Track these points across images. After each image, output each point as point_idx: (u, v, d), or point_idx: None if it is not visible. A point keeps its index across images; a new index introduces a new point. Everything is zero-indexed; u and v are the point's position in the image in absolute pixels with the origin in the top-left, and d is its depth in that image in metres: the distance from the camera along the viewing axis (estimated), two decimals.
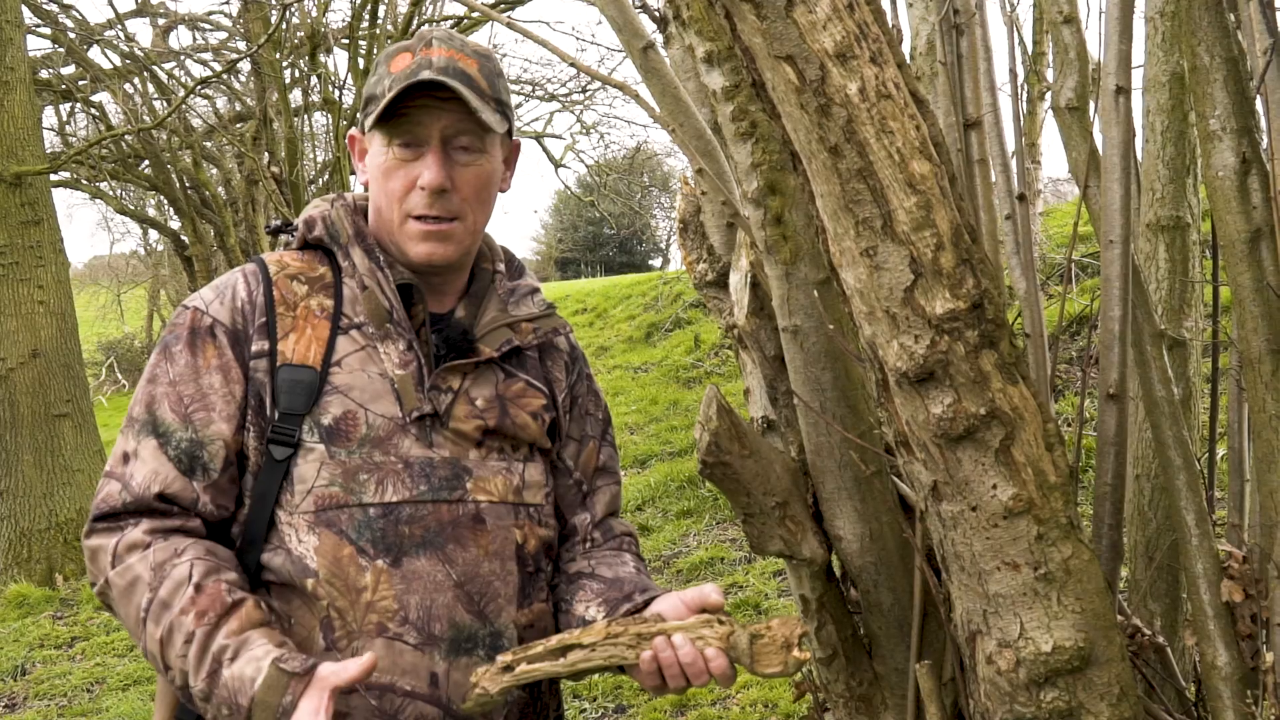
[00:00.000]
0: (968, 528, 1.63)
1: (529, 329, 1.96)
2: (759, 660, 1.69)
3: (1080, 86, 2.21)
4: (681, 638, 1.70)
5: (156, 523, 1.75)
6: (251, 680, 1.62)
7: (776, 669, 1.68)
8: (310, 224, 1.92)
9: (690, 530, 8.09)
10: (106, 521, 1.77)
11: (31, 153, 9.93)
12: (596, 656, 1.71)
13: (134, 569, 1.71)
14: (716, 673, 1.70)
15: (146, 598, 1.69)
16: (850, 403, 1.95)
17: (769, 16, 1.46)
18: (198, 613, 1.67)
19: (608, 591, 1.90)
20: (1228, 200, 1.90)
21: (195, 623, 1.66)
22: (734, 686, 5.50)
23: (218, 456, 1.78)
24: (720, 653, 1.69)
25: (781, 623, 1.69)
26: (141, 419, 1.80)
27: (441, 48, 1.84)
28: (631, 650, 1.71)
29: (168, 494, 1.76)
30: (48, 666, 7.33)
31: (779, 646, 1.68)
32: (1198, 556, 2.00)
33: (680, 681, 1.71)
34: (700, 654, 1.69)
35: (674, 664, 1.69)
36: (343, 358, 1.82)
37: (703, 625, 1.71)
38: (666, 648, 1.69)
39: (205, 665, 1.65)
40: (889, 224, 1.50)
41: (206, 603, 1.68)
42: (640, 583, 1.92)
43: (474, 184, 1.86)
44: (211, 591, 1.69)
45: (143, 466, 1.77)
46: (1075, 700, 1.66)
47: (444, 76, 1.79)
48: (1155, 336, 2.15)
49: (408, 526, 1.78)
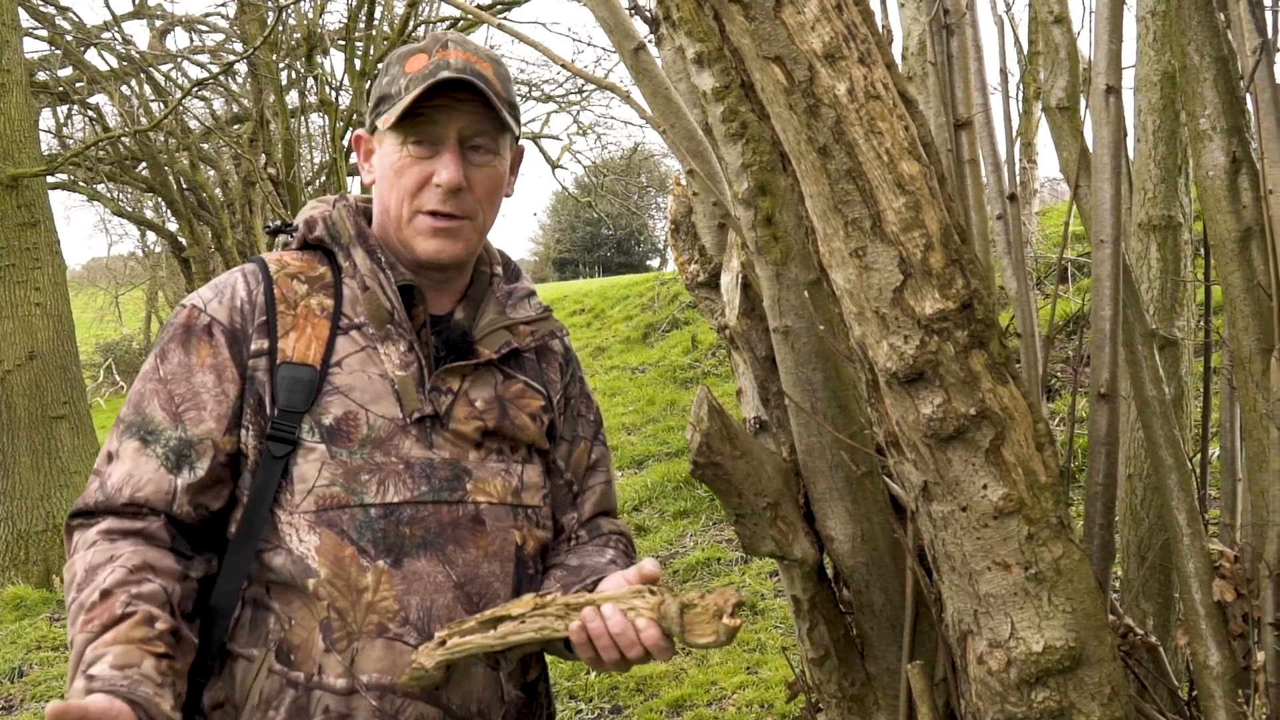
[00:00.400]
0: (958, 528, 1.63)
1: (526, 331, 1.97)
2: (690, 630, 1.64)
3: (1071, 86, 2.22)
4: (611, 608, 1.67)
5: (115, 523, 1.74)
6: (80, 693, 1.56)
7: (709, 638, 1.63)
8: (311, 224, 1.92)
9: (687, 531, 8.09)
10: (80, 518, 1.78)
11: (28, 155, 9.93)
12: (526, 628, 1.69)
13: (74, 566, 1.72)
14: (648, 643, 1.66)
15: (71, 597, 1.69)
16: (841, 403, 1.95)
17: (757, 17, 1.46)
18: (85, 619, 1.64)
19: (567, 578, 1.90)
20: (1218, 200, 1.90)
21: (80, 629, 1.64)
22: (730, 687, 5.51)
23: (205, 456, 1.78)
24: (652, 623, 1.65)
25: (717, 593, 1.65)
26: (129, 418, 1.80)
27: (457, 50, 1.85)
28: (560, 621, 1.68)
29: (136, 500, 1.75)
30: (45, 668, 7.32)
31: (710, 616, 1.63)
32: (1190, 556, 2.00)
33: (613, 653, 1.67)
34: (631, 624, 1.66)
35: (604, 634, 1.66)
36: (343, 358, 1.82)
37: (634, 595, 1.68)
38: (595, 618, 1.66)
39: (73, 673, 1.61)
40: (878, 224, 1.50)
41: (98, 612, 1.64)
42: (601, 569, 1.90)
43: (486, 184, 1.87)
44: (108, 603, 1.65)
45: (119, 468, 1.77)
46: (1066, 700, 1.66)
47: (464, 75, 1.79)
48: (1147, 336, 2.15)
49: (409, 527, 1.78)
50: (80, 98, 15.73)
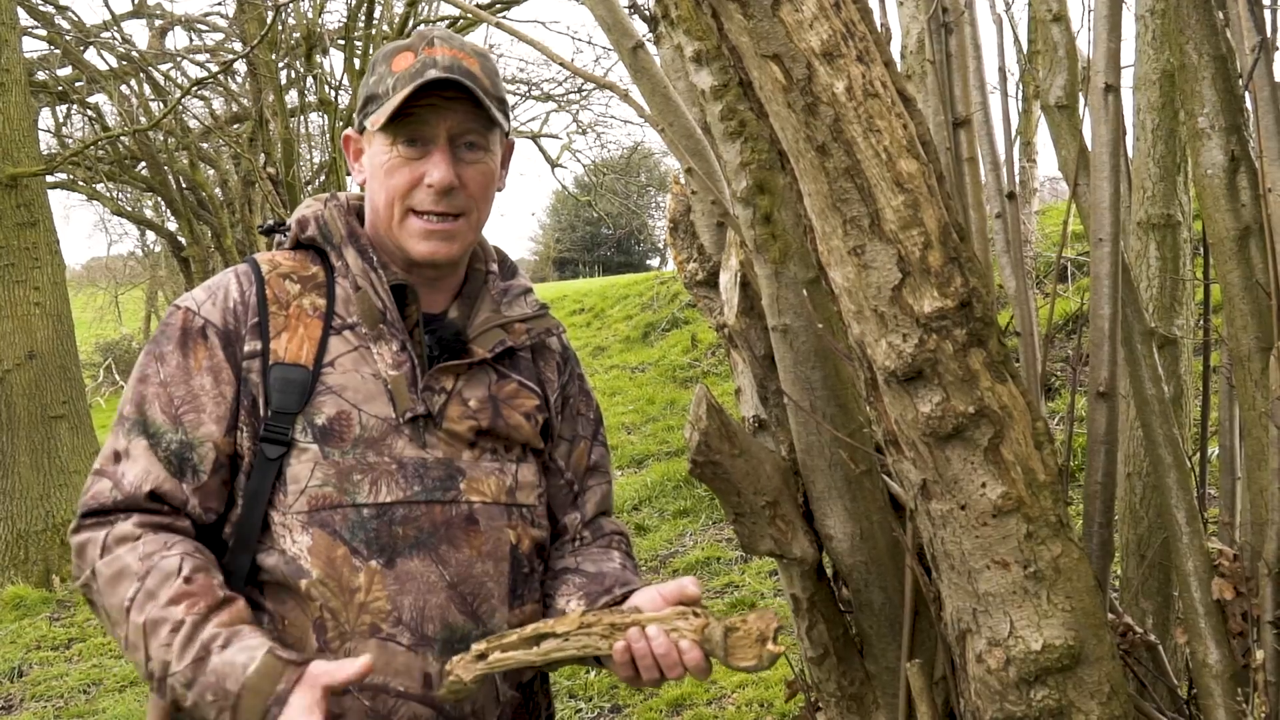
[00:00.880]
0: (957, 526, 1.62)
1: (522, 329, 1.96)
2: (733, 654, 1.67)
3: (1069, 84, 2.21)
4: (656, 629, 1.68)
5: (147, 518, 1.74)
6: (243, 666, 1.62)
7: (751, 663, 1.66)
8: (303, 224, 1.91)
9: (686, 530, 8.09)
10: (96, 517, 1.75)
11: (27, 154, 9.93)
12: (570, 646, 1.70)
13: (122, 559, 1.70)
14: (690, 665, 1.68)
15: (134, 587, 1.68)
16: (840, 401, 1.95)
17: (755, 15, 1.46)
18: (189, 603, 1.66)
19: (589, 585, 1.90)
20: (1216, 198, 1.90)
21: (186, 611, 1.65)
22: (729, 686, 5.51)
23: (207, 459, 1.77)
24: (694, 645, 1.67)
25: (758, 616, 1.68)
26: (133, 417, 1.79)
27: (444, 46, 1.83)
28: (605, 640, 1.69)
29: (159, 492, 1.75)
30: (44, 668, 7.33)
31: (754, 640, 1.66)
32: (1189, 554, 2.00)
33: (654, 673, 1.69)
34: (675, 645, 1.68)
35: (647, 655, 1.68)
36: (335, 358, 1.82)
37: (678, 617, 1.70)
38: (640, 639, 1.68)
39: (191, 652, 1.64)
40: (876, 223, 1.50)
41: (198, 594, 1.67)
42: (622, 577, 1.92)
43: (479, 181, 1.86)
44: (202, 584, 1.69)
45: (134, 465, 1.76)
46: (1065, 699, 1.66)
47: (452, 75, 1.78)
48: (1146, 334, 2.15)
49: (401, 527, 1.78)
50: (79, 97, 15.72)
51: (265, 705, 1.61)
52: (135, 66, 15.11)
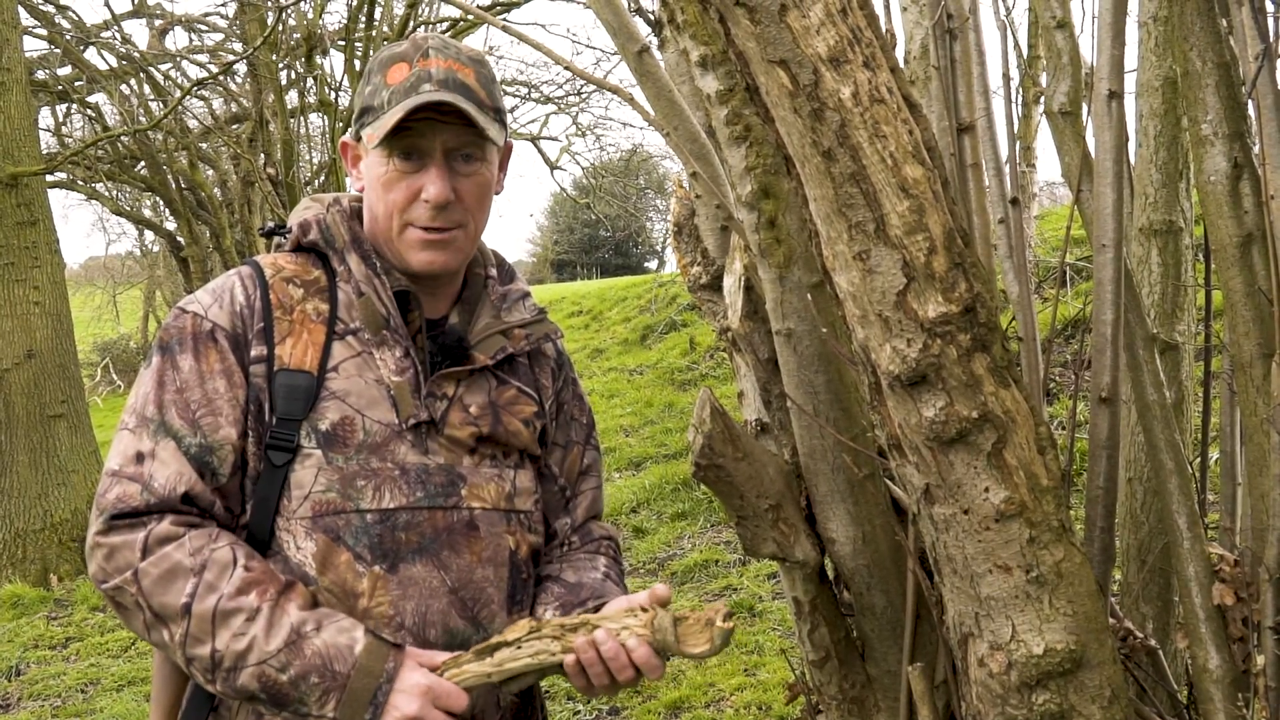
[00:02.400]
0: (960, 530, 1.63)
1: (521, 335, 1.96)
2: (685, 641, 1.66)
3: (1073, 91, 2.22)
4: (603, 632, 1.68)
5: (181, 518, 1.73)
6: (349, 648, 1.66)
7: (704, 647, 1.66)
8: (305, 228, 1.90)
9: (685, 533, 8.09)
10: (127, 519, 1.73)
11: (27, 153, 9.93)
12: (523, 654, 1.70)
13: (171, 556, 1.69)
14: (640, 662, 1.67)
15: (192, 582, 1.68)
16: (843, 406, 1.95)
17: (762, 21, 1.47)
18: (259, 590, 1.68)
19: (566, 596, 1.90)
20: (1220, 205, 1.91)
21: (258, 599, 1.67)
22: (728, 689, 5.51)
23: (226, 461, 1.77)
24: (641, 641, 1.67)
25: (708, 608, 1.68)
26: (155, 419, 1.77)
27: (438, 58, 1.82)
28: (556, 643, 1.69)
29: (191, 494, 1.74)
30: (42, 667, 7.32)
31: (703, 625, 1.66)
32: (1190, 560, 2.00)
33: (604, 679, 1.69)
34: (621, 646, 1.67)
35: (595, 661, 1.68)
36: (339, 363, 1.82)
37: (625, 615, 1.70)
38: (588, 648, 1.68)
39: (279, 636, 1.66)
40: (882, 228, 1.50)
41: (263, 580, 1.69)
42: (600, 588, 1.91)
43: (475, 193, 1.86)
44: (262, 569, 1.70)
45: (164, 468, 1.74)
46: (1067, 703, 1.67)
47: (445, 90, 1.77)
48: (1148, 340, 2.16)
49: (404, 533, 1.78)
50: (79, 96, 15.72)
51: (376, 684, 1.66)
52: (135, 66, 15.11)
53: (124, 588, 1.71)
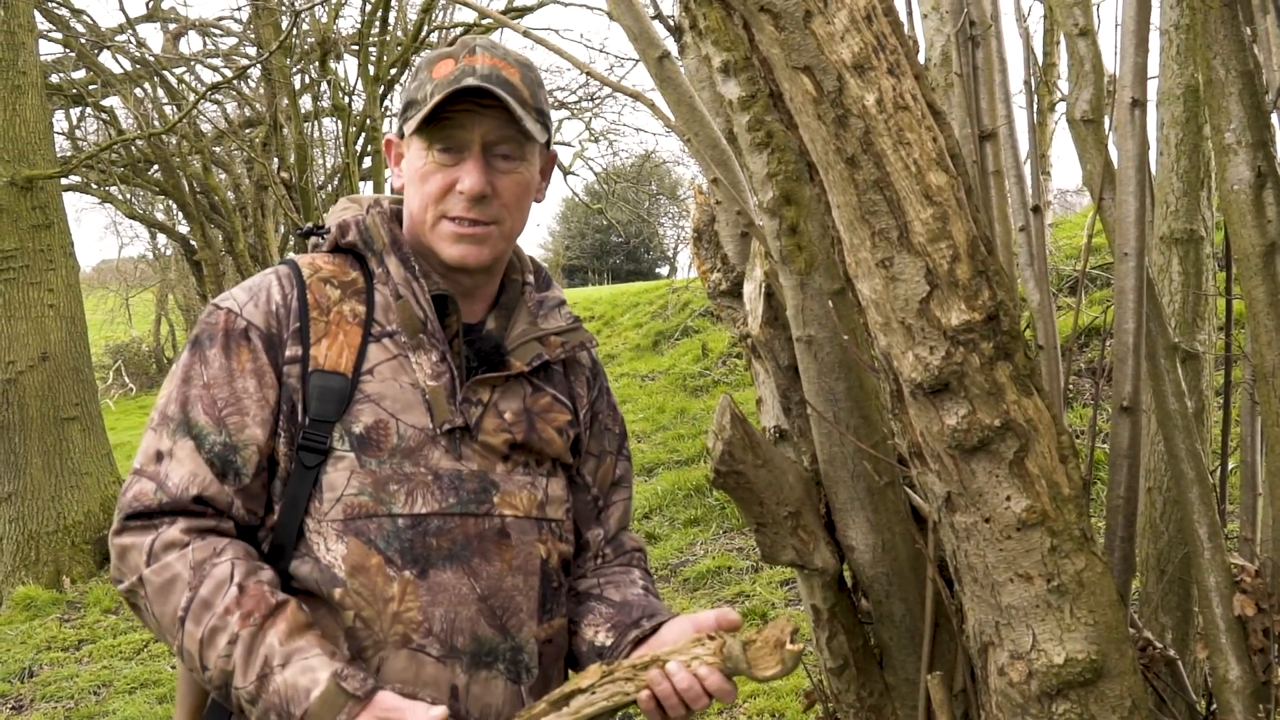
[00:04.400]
0: (981, 539, 1.63)
1: (557, 343, 1.94)
2: (756, 665, 1.66)
3: (1096, 99, 2.21)
4: (675, 664, 1.68)
5: (192, 522, 1.73)
6: (306, 691, 1.62)
7: (775, 669, 1.65)
8: (344, 229, 1.90)
9: (697, 539, 8.08)
10: (140, 520, 1.73)
11: (43, 156, 9.97)
12: (599, 698, 1.69)
13: (172, 567, 1.69)
14: (713, 690, 1.67)
15: (186, 596, 1.67)
16: (864, 413, 1.95)
17: (787, 27, 1.47)
18: (243, 614, 1.66)
19: (616, 616, 1.89)
20: (1242, 214, 1.90)
21: (240, 624, 1.65)
22: (740, 696, 5.50)
23: (250, 461, 1.76)
24: (713, 669, 1.67)
25: (772, 625, 1.68)
26: (177, 418, 1.77)
27: (485, 55, 1.83)
28: (630, 684, 1.69)
29: (205, 496, 1.74)
30: (55, 669, 7.34)
31: (773, 647, 1.65)
32: (1210, 570, 1.99)
33: (680, 710, 1.68)
34: (694, 676, 1.67)
35: (671, 694, 1.67)
36: (374, 366, 1.81)
37: (694, 644, 1.70)
38: (662, 680, 1.68)
39: (254, 667, 1.64)
40: (905, 235, 1.50)
41: (251, 603, 1.67)
42: (648, 606, 1.90)
43: (513, 191, 1.85)
44: (254, 592, 1.68)
45: (180, 467, 1.74)
46: (1087, 713, 1.66)
47: (488, 83, 1.78)
48: (1169, 349, 2.15)
49: (435, 539, 1.77)
50: (94, 100, 15.78)
51: None
52: (150, 70, 15.17)
53: (135, 590, 1.72)
